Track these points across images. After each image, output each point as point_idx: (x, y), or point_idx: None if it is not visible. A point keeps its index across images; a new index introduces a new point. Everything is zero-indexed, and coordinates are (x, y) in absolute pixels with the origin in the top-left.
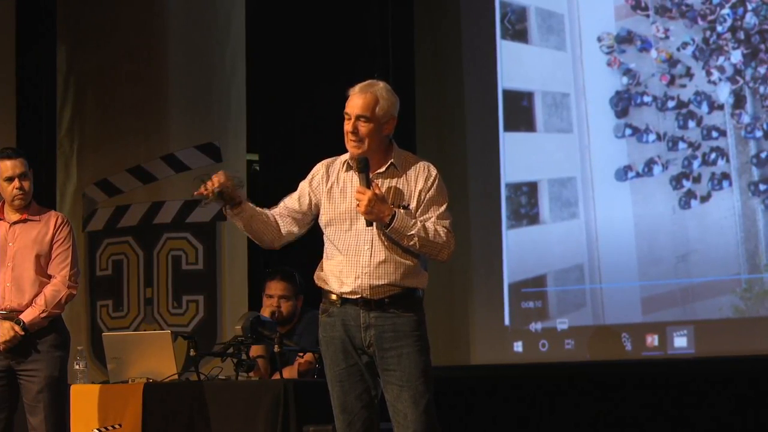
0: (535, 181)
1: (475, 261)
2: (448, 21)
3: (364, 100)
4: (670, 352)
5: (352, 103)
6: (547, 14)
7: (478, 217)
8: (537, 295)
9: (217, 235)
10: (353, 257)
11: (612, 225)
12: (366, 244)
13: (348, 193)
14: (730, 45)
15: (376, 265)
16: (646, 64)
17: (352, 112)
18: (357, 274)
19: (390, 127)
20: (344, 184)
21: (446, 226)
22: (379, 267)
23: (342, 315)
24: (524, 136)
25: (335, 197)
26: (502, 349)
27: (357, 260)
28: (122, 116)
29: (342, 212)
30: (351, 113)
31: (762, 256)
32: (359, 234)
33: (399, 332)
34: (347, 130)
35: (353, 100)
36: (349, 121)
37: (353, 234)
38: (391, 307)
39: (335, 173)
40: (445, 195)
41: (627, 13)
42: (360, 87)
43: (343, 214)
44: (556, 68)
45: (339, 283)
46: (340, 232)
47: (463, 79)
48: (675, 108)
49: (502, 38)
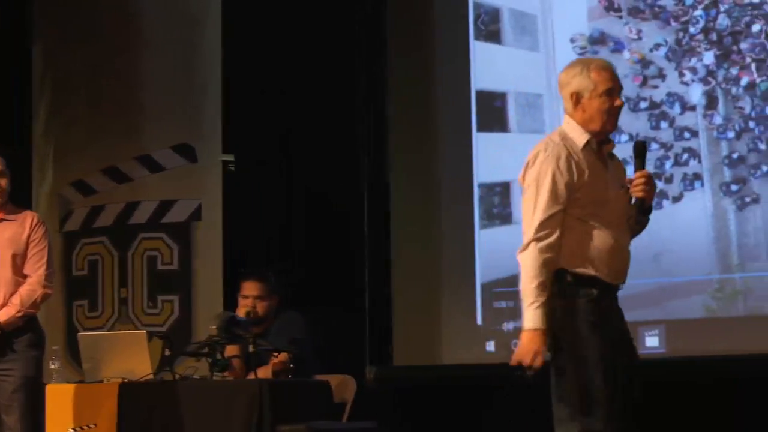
0: (508, 181)
1: (448, 261)
2: (422, 22)
3: (616, 74)
4: (641, 352)
5: (615, 77)
6: (520, 15)
7: (451, 216)
8: (510, 294)
9: (192, 235)
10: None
11: None
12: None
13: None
14: (703, 46)
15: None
16: (618, 65)
17: (619, 85)
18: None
19: None
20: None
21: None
22: (629, 250)
23: (601, 300)
24: (497, 137)
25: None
26: (475, 349)
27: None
28: (98, 117)
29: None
30: (619, 87)
31: (733, 256)
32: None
33: (622, 317)
34: (619, 105)
35: (613, 72)
36: (618, 96)
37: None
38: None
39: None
40: None
41: (600, 14)
42: (605, 61)
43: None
44: (529, 69)
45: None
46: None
47: (437, 80)
48: (647, 109)
49: (475, 39)
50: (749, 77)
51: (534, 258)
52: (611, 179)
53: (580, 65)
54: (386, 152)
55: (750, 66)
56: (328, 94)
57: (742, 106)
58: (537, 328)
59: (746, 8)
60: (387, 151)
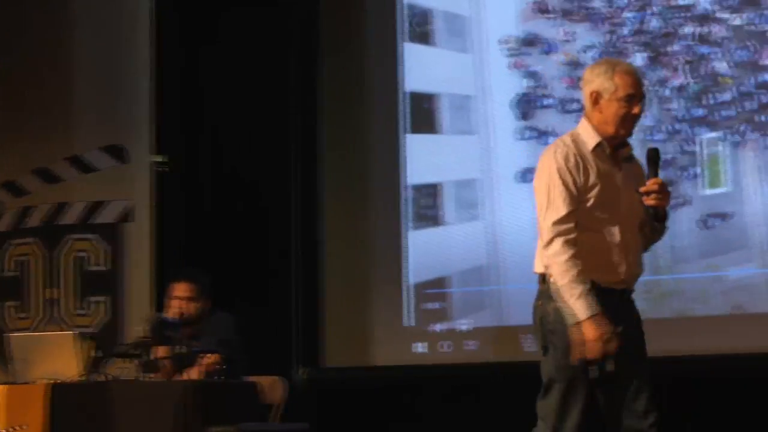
0: (438, 183)
1: (378, 262)
2: (353, 23)
3: (641, 80)
4: None
5: (640, 83)
6: (451, 17)
7: (381, 218)
8: (439, 296)
9: (123, 236)
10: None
11: (514, 226)
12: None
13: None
14: (634, 48)
15: (639, 252)
16: (549, 66)
17: (641, 93)
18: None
19: None
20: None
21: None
22: (639, 254)
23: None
24: (427, 138)
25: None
26: (404, 350)
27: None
28: (27, 117)
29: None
30: (641, 95)
31: (662, 258)
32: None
33: (636, 325)
34: (637, 113)
35: (638, 79)
36: (638, 104)
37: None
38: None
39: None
40: None
41: (531, 15)
42: (631, 65)
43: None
44: (459, 70)
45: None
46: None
47: (368, 81)
48: (578, 110)
49: (406, 40)
50: (679, 79)
51: (562, 253)
52: (624, 183)
53: (606, 65)
54: (317, 153)
55: (680, 68)
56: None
57: (671, 108)
58: (593, 313)
59: (677, 11)
60: (318, 152)
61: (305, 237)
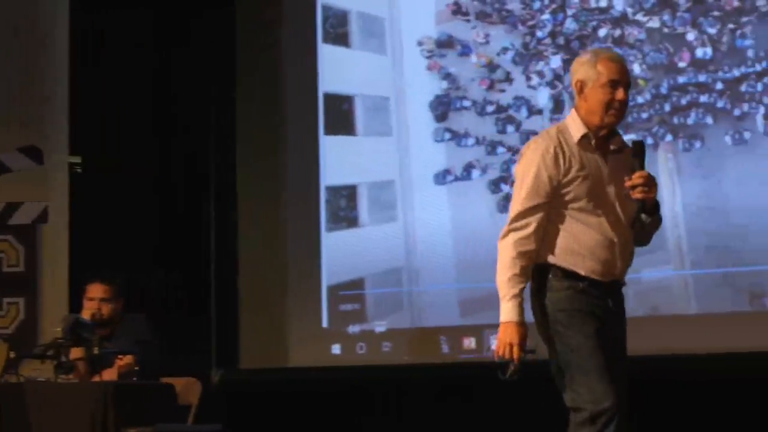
0: (355, 184)
1: (294, 263)
2: (270, 24)
3: (626, 67)
4: (486, 354)
5: (624, 69)
6: (368, 18)
7: (297, 219)
8: (355, 297)
9: (39, 237)
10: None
11: (430, 228)
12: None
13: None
14: (550, 50)
15: (629, 245)
16: (465, 68)
17: (625, 79)
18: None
19: None
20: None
21: None
22: (629, 247)
23: (586, 294)
24: (344, 140)
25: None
26: (320, 351)
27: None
28: None
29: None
30: (623, 80)
31: None
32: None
33: (623, 321)
34: (621, 99)
35: (622, 65)
36: (621, 89)
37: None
38: (621, 290)
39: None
40: None
41: (447, 17)
42: (615, 53)
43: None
44: (376, 72)
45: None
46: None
47: (285, 83)
48: (494, 112)
49: (323, 42)
50: None
51: (509, 249)
52: (612, 175)
53: (590, 54)
54: (234, 154)
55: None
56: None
57: None
58: (510, 320)
59: (593, 12)
60: (235, 153)
61: (222, 239)
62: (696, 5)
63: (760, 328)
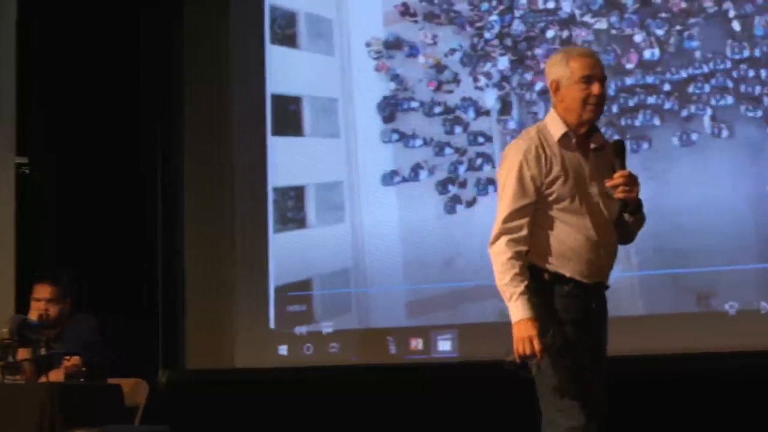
0: (303, 186)
1: (241, 264)
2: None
3: (599, 61)
4: (434, 356)
5: (597, 64)
6: (316, 19)
7: (245, 220)
8: (303, 298)
9: None
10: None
11: (378, 229)
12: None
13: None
14: (498, 51)
15: (613, 245)
16: (413, 69)
17: (600, 73)
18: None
19: None
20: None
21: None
22: (613, 247)
23: (575, 297)
24: (292, 141)
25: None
26: (267, 353)
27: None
28: None
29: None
30: (599, 75)
31: None
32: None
33: (605, 321)
34: (596, 93)
35: (594, 60)
36: (598, 84)
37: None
38: (604, 291)
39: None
40: None
41: (395, 18)
42: (587, 49)
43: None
44: (324, 73)
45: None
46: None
47: (233, 83)
48: (442, 113)
49: (271, 43)
50: (543, 82)
51: (504, 252)
52: (594, 173)
53: (561, 53)
54: (181, 155)
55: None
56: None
57: (536, 111)
58: (522, 318)
59: (541, 14)
60: (182, 154)
61: (169, 239)
62: (643, 7)
63: (707, 329)
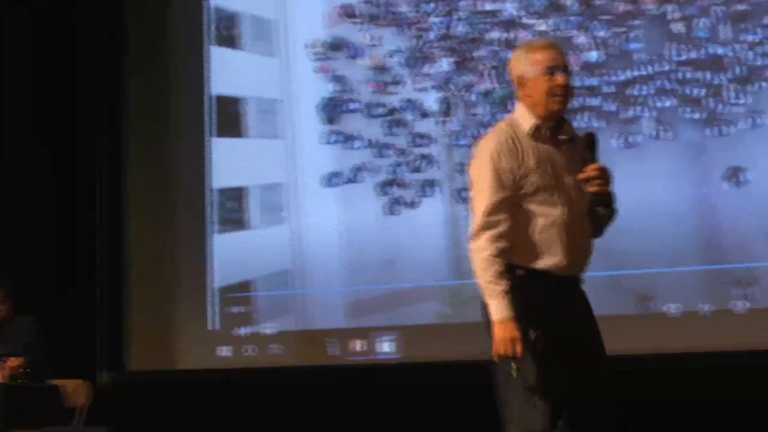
0: (244, 187)
1: (182, 265)
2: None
3: (562, 53)
4: (375, 357)
5: (557, 55)
6: (258, 21)
7: (186, 221)
8: (244, 300)
9: None
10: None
11: (319, 231)
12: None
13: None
14: (439, 53)
15: (587, 237)
16: (355, 71)
17: (562, 64)
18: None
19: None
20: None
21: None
22: (588, 239)
23: (550, 292)
24: (233, 142)
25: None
26: (209, 354)
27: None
28: None
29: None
30: (562, 65)
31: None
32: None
33: (588, 309)
34: (561, 83)
35: (554, 52)
36: (563, 75)
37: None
38: (580, 282)
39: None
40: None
41: (337, 20)
42: (548, 40)
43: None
44: (266, 74)
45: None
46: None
47: (174, 84)
48: (383, 115)
49: (213, 44)
50: (485, 84)
51: (485, 248)
52: (566, 165)
53: (521, 48)
54: (122, 156)
55: (486, 73)
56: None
57: (477, 113)
58: (503, 318)
59: (483, 16)
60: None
61: (110, 241)
62: (586, 9)
63: (645, 331)
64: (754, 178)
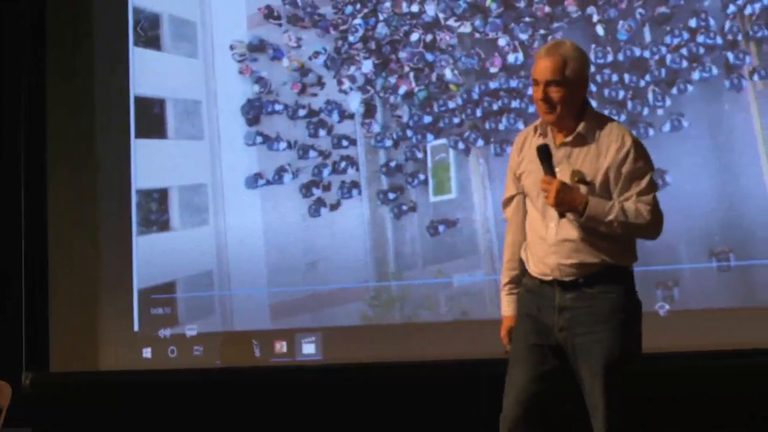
0: (166, 188)
1: (105, 266)
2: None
3: (552, 63)
4: (298, 358)
5: (540, 68)
6: (179, 22)
7: (109, 222)
8: (166, 301)
9: None
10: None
11: (242, 232)
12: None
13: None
14: (362, 55)
15: (561, 243)
16: (277, 72)
17: (541, 77)
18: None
19: (583, 90)
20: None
21: (648, 202)
22: (566, 244)
23: (538, 295)
24: (155, 143)
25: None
26: (131, 355)
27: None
28: None
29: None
30: (540, 79)
31: (390, 264)
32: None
33: (596, 315)
34: (537, 97)
35: (540, 64)
36: (538, 87)
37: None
38: (586, 288)
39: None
40: (646, 165)
41: (259, 21)
42: (546, 49)
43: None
44: (188, 75)
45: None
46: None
47: (96, 85)
48: (306, 116)
49: (134, 45)
50: (407, 86)
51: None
52: (563, 168)
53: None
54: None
55: (408, 75)
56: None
57: (400, 115)
58: (503, 315)
59: (405, 18)
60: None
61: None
62: (507, 11)
63: None
64: (675, 180)
